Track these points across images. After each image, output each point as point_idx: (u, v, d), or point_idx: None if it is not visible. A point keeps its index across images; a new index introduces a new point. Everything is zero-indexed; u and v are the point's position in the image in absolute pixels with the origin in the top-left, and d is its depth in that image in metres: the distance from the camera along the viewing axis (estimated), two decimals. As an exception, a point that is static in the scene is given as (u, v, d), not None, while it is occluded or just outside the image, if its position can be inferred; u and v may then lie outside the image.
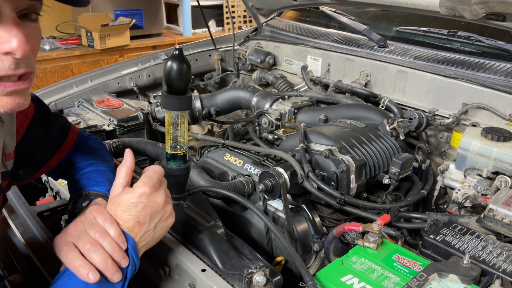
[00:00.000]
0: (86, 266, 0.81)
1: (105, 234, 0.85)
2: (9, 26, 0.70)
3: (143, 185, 0.90)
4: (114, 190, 0.92)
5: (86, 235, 0.86)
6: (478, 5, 1.44)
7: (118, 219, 0.89)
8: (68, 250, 0.84)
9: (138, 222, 0.89)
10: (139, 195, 0.89)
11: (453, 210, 1.45)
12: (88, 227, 0.87)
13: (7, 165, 0.95)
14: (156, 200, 0.91)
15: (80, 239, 0.85)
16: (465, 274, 0.91)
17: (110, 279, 0.83)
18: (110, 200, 0.93)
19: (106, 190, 1.05)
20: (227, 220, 1.48)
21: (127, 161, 0.95)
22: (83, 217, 0.90)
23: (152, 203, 0.91)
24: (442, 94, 1.76)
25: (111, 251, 0.84)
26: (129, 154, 0.97)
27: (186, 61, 1.00)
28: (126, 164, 0.95)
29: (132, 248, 0.87)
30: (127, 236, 0.88)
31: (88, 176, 1.09)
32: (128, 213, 0.89)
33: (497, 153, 1.36)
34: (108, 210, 0.90)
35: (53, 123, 1.13)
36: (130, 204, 0.89)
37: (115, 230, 0.86)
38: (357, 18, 2.31)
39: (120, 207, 0.89)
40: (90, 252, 0.83)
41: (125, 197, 0.90)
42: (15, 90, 0.74)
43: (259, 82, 2.38)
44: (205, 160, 1.64)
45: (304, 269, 0.94)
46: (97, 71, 2.31)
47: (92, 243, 0.84)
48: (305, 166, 1.33)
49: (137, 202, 0.89)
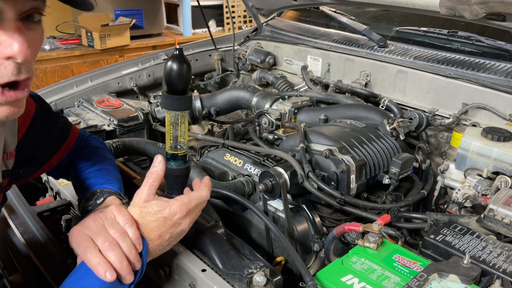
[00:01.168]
0: (104, 265, 0.82)
1: (125, 235, 0.86)
2: (11, 30, 0.69)
3: (181, 205, 0.93)
4: (143, 196, 0.93)
5: (106, 232, 0.86)
6: (478, 5, 1.43)
7: (140, 223, 0.90)
8: (87, 245, 0.84)
9: (159, 236, 0.92)
10: (172, 214, 0.92)
11: (453, 210, 1.44)
12: (108, 225, 0.87)
13: (8, 164, 0.95)
14: (182, 225, 0.95)
15: (99, 236, 0.85)
16: (465, 274, 0.91)
17: (123, 279, 0.84)
18: (136, 204, 0.94)
19: (117, 188, 1.07)
20: (227, 220, 1.48)
21: (158, 169, 0.96)
22: (102, 214, 0.90)
23: (178, 226, 0.94)
24: (442, 94, 1.76)
25: (128, 252, 0.85)
26: (162, 162, 0.98)
27: (186, 61, 1.00)
28: (157, 171, 0.96)
29: (145, 254, 0.88)
30: (144, 240, 0.89)
31: (96, 175, 1.10)
32: (155, 225, 0.91)
33: (497, 153, 1.36)
34: (130, 212, 0.91)
35: (55, 122, 1.13)
36: (160, 218, 0.91)
37: (134, 232, 0.87)
38: (357, 18, 2.31)
39: (149, 216, 0.91)
40: (108, 250, 0.83)
41: (159, 209, 0.92)
42: (15, 100, 0.74)
43: (259, 82, 2.38)
44: (205, 160, 1.64)
45: (304, 269, 0.94)
46: (97, 71, 2.31)
47: (111, 242, 0.84)
48: (305, 166, 1.33)
49: (167, 218, 0.92)
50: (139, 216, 0.91)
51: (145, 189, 0.94)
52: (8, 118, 0.77)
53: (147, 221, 0.91)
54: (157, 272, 1.04)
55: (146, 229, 0.90)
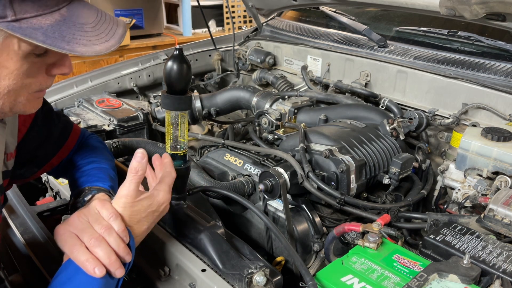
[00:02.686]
0: (92, 261, 0.82)
1: (110, 230, 0.86)
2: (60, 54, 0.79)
3: (164, 194, 0.95)
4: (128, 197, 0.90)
5: (91, 229, 0.86)
6: (478, 5, 1.43)
7: (126, 216, 0.90)
8: (73, 243, 0.84)
9: (147, 228, 0.94)
10: (159, 204, 0.94)
11: (453, 210, 1.44)
12: (93, 221, 0.87)
13: (8, 164, 0.95)
14: (167, 207, 0.97)
15: (84, 233, 0.85)
16: (465, 274, 0.91)
17: (113, 274, 0.84)
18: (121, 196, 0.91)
19: (108, 186, 1.06)
20: (227, 220, 1.48)
21: (142, 164, 0.92)
22: (86, 209, 0.90)
23: (162, 212, 0.96)
24: (442, 94, 1.76)
25: (116, 247, 0.85)
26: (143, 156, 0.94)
27: (186, 61, 1.00)
28: (142, 167, 0.92)
29: (132, 245, 0.88)
30: (128, 231, 0.88)
31: (89, 173, 1.10)
32: (145, 220, 0.92)
33: (497, 153, 1.36)
34: (114, 205, 0.90)
35: (56, 122, 1.13)
36: (150, 212, 0.93)
37: (119, 225, 0.87)
38: (357, 18, 2.31)
39: (140, 213, 0.91)
40: (95, 246, 0.83)
41: (148, 204, 0.92)
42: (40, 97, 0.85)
43: (259, 82, 2.38)
44: (205, 160, 1.64)
45: (304, 269, 0.94)
46: (97, 71, 2.31)
47: (97, 238, 0.84)
48: (305, 166, 1.33)
49: (155, 210, 0.93)
50: (124, 209, 0.90)
51: (130, 186, 0.91)
52: (34, 111, 0.86)
53: (137, 218, 0.91)
54: (157, 272, 1.04)
55: (134, 222, 0.91)
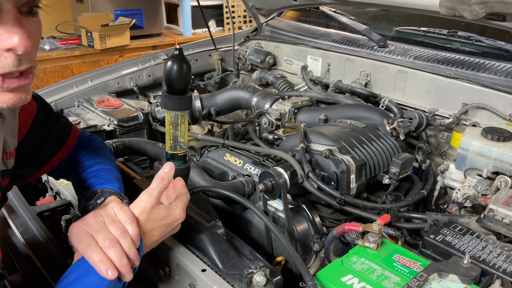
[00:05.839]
0: (106, 262, 0.82)
1: (125, 233, 0.86)
2: (10, 22, 0.69)
3: (181, 212, 0.97)
4: (149, 202, 0.93)
5: (106, 230, 0.86)
6: (478, 5, 1.43)
7: (141, 222, 0.91)
8: (88, 242, 0.84)
9: (157, 241, 0.95)
10: (174, 220, 0.96)
11: (453, 210, 1.44)
12: (109, 223, 0.87)
13: (7, 163, 0.95)
14: (179, 226, 0.99)
15: (99, 233, 0.85)
16: (465, 274, 0.91)
17: (123, 277, 0.84)
18: (141, 200, 0.94)
19: (117, 188, 1.07)
20: (227, 220, 1.48)
21: (169, 175, 0.97)
22: (103, 210, 0.90)
23: (176, 229, 0.98)
24: (442, 94, 1.76)
25: (128, 250, 0.85)
26: (172, 168, 0.99)
27: (186, 61, 1.00)
28: (168, 177, 0.97)
29: (141, 250, 0.89)
30: (140, 238, 0.89)
31: (97, 175, 1.10)
32: (158, 230, 0.93)
33: (497, 153, 1.36)
34: (131, 209, 0.92)
35: (56, 122, 1.14)
36: (163, 224, 0.94)
37: (134, 229, 0.88)
38: (357, 18, 2.31)
39: (156, 222, 0.93)
40: (109, 248, 0.83)
41: (165, 215, 0.94)
42: (17, 86, 0.74)
43: (259, 82, 2.38)
44: (205, 160, 1.64)
45: (304, 269, 0.94)
46: (97, 71, 2.31)
47: (112, 240, 0.84)
48: (305, 166, 1.33)
49: (169, 224, 0.95)
50: (142, 213, 0.92)
51: (151, 194, 0.94)
52: (15, 105, 0.77)
53: (151, 226, 0.92)
54: (157, 272, 1.04)
55: (148, 229, 0.92)
